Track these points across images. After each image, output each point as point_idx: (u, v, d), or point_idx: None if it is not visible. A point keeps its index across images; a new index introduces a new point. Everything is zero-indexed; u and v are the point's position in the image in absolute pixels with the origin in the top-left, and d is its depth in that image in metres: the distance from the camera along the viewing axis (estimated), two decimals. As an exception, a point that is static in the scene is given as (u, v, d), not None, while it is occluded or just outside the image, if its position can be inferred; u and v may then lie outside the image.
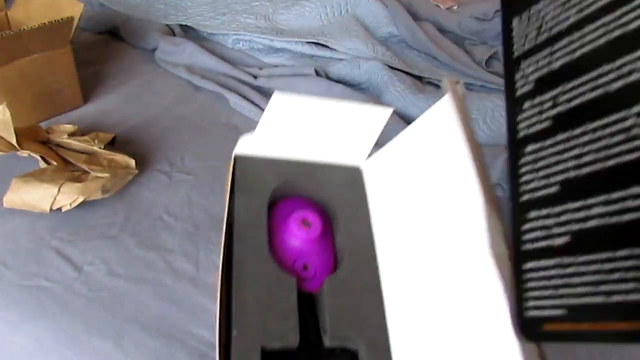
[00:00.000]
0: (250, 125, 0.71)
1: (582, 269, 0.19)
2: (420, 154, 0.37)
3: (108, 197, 0.54)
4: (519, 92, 0.22)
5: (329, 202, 0.43)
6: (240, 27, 0.86)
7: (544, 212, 0.20)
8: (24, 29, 0.58)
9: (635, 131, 0.19)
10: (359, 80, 0.79)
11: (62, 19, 0.60)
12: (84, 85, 0.70)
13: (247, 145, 0.43)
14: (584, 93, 0.21)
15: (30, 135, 0.57)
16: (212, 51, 0.82)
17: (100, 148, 0.58)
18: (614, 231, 0.19)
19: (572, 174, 0.20)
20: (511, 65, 0.23)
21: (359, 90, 0.78)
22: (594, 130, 0.20)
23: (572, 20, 0.22)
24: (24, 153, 0.54)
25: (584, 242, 0.19)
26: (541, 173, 0.21)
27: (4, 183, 0.52)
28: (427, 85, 0.80)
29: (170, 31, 0.87)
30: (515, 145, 0.22)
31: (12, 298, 0.46)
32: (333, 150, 0.43)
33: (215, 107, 0.73)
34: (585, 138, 0.20)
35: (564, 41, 0.22)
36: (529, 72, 0.23)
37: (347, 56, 0.82)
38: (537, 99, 0.22)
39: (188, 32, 0.88)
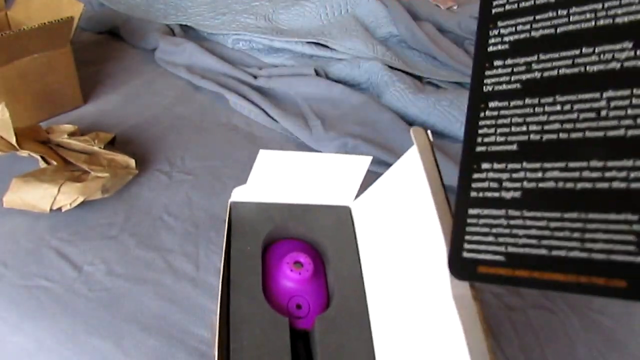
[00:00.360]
0: (251, 125, 0.71)
1: (529, 223, 0.21)
2: (396, 198, 0.40)
3: (108, 197, 0.54)
4: (492, 49, 0.23)
5: (320, 242, 0.45)
6: (240, 27, 0.86)
7: (498, 166, 0.22)
8: (24, 29, 0.58)
9: (603, 113, 0.21)
10: (359, 80, 0.79)
11: (62, 19, 0.60)
12: (84, 85, 0.70)
13: (241, 193, 0.46)
14: (560, 67, 0.22)
15: (30, 135, 0.57)
16: (212, 51, 0.82)
17: (100, 148, 0.58)
18: (566, 195, 0.20)
19: (533, 137, 0.21)
20: (488, 20, 0.24)
21: (359, 90, 0.78)
22: (564, 103, 0.21)
23: None
24: (24, 153, 0.54)
25: (535, 200, 0.21)
26: (501, 130, 0.22)
27: (4, 183, 0.52)
28: (427, 85, 0.80)
29: (170, 31, 0.87)
30: (478, 97, 0.22)
31: (12, 298, 0.46)
32: (321, 194, 0.46)
33: (215, 107, 0.73)
34: (554, 108, 0.21)
35: (549, 14, 0.23)
36: (506, 33, 0.23)
37: (347, 56, 0.82)
38: (510, 61, 0.23)
39: (188, 32, 0.88)
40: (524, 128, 0.22)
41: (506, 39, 0.23)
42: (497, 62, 0.23)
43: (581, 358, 0.47)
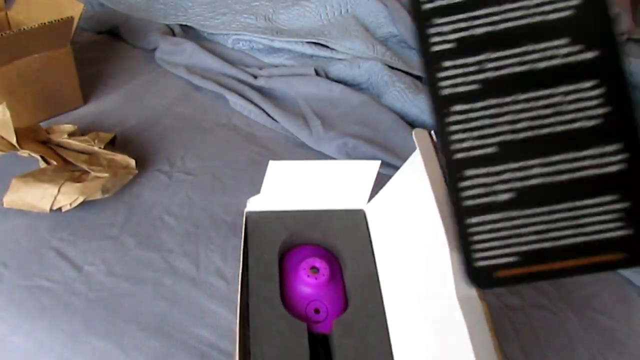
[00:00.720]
0: (251, 125, 0.71)
1: (530, 220, 0.22)
2: (405, 200, 0.40)
3: (108, 197, 0.54)
4: (437, 48, 0.23)
5: (336, 247, 0.45)
6: (240, 27, 0.86)
7: (483, 170, 0.22)
8: (24, 29, 0.58)
9: (563, 107, 0.22)
10: (359, 80, 0.79)
11: (62, 19, 0.60)
12: (84, 85, 0.70)
13: (256, 203, 0.46)
14: (511, 65, 0.22)
15: (30, 135, 0.57)
16: (212, 51, 0.82)
17: (100, 148, 0.58)
18: (553, 188, 0.22)
19: (508, 137, 0.22)
20: (422, 17, 0.23)
21: (359, 90, 0.78)
22: (526, 100, 0.22)
23: None
24: (24, 153, 0.54)
25: (528, 197, 0.22)
26: (475, 133, 0.22)
27: (4, 183, 0.52)
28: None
29: (170, 31, 0.87)
30: (440, 101, 0.22)
31: (12, 298, 0.46)
32: (334, 199, 0.47)
33: (215, 107, 0.73)
34: (518, 107, 0.22)
35: (485, 10, 0.23)
36: (448, 31, 0.23)
37: (347, 56, 0.82)
38: (460, 60, 0.22)
39: (188, 32, 0.88)
40: (496, 129, 0.22)
41: (450, 36, 0.23)
42: (447, 63, 0.23)
43: (581, 358, 0.47)
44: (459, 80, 0.23)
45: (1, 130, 0.54)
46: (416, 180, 0.36)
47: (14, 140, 0.53)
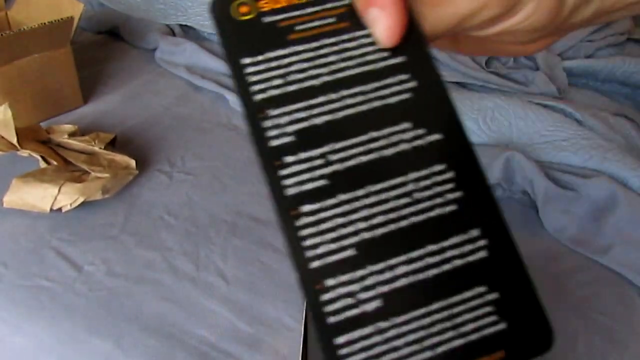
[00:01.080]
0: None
1: (404, 328, 0.19)
2: None
3: (108, 197, 0.54)
4: (276, 143, 0.21)
5: None
6: (240, 27, 0.86)
7: (345, 278, 0.19)
8: (24, 29, 0.58)
9: (417, 195, 0.20)
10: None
11: (62, 19, 0.60)
12: (84, 85, 0.70)
13: None
14: (358, 155, 0.21)
15: (31, 135, 0.57)
16: (212, 51, 0.82)
17: (100, 148, 0.58)
18: (423, 287, 0.20)
19: (366, 235, 0.20)
20: (255, 109, 0.21)
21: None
22: (378, 192, 0.20)
23: (325, 79, 0.21)
24: (25, 153, 0.54)
25: (397, 302, 0.19)
26: (330, 236, 0.20)
27: (4, 183, 0.52)
28: (427, 85, 0.80)
29: (170, 31, 0.87)
30: (285, 203, 0.20)
31: (13, 298, 0.46)
32: None
33: (215, 107, 0.73)
34: (372, 200, 0.20)
35: (321, 98, 0.21)
36: (285, 123, 0.21)
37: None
38: (303, 154, 0.20)
39: (188, 32, 0.88)
40: (352, 228, 0.20)
41: (288, 129, 0.21)
42: (289, 159, 0.20)
43: (581, 358, 0.47)
44: (304, 176, 0.20)
45: (2, 130, 0.54)
46: None
47: (14, 140, 0.53)
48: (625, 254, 0.55)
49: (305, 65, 0.22)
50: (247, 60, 0.22)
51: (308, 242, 0.20)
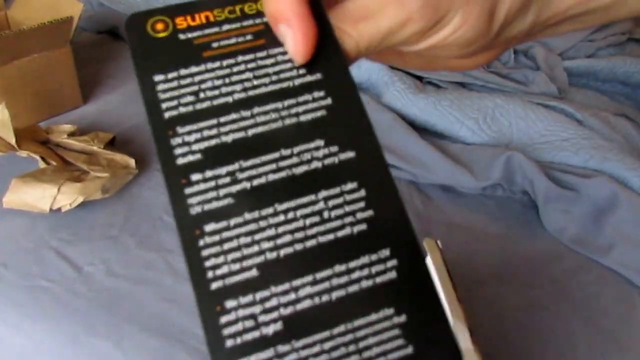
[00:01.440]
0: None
1: (304, 353, 0.19)
2: None
3: (108, 197, 0.54)
4: (183, 161, 0.20)
5: None
6: (240, 26, 0.86)
7: (246, 299, 0.19)
8: (23, 29, 0.58)
9: (326, 214, 0.20)
10: (359, 80, 0.79)
11: (61, 18, 0.60)
12: (83, 85, 0.70)
13: None
14: (267, 173, 0.20)
15: (30, 136, 0.57)
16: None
17: (100, 148, 0.58)
18: (327, 309, 0.19)
19: (270, 256, 0.19)
20: (163, 127, 0.21)
21: (359, 90, 0.78)
22: (286, 211, 0.20)
23: (238, 96, 0.21)
24: (24, 153, 0.54)
25: (298, 325, 0.19)
26: (232, 256, 0.19)
27: (4, 183, 0.52)
28: (427, 85, 0.80)
29: (170, 31, 0.87)
30: (189, 222, 0.20)
31: (12, 298, 0.45)
32: None
33: (215, 107, 0.73)
34: (278, 219, 0.20)
35: (233, 115, 0.21)
36: (193, 140, 0.20)
37: (347, 56, 0.82)
38: (210, 173, 0.20)
39: (188, 31, 0.88)
40: (257, 248, 0.19)
41: (195, 147, 0.20)
42: (195, 177, 0.20)
43: (581, 358, 0.47)
44: (209, 195, 0.20)
45: (1, 131, 0.54)
46: None
47: (13, 141, 0.53)
48: (626, 254, 0.55)
49: (218, 82, 0.21)
50: (159, 78, 0.21)
51: (210, 263, 0.19)
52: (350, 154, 0.21)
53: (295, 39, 0.21)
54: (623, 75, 0.83)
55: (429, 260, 0.36)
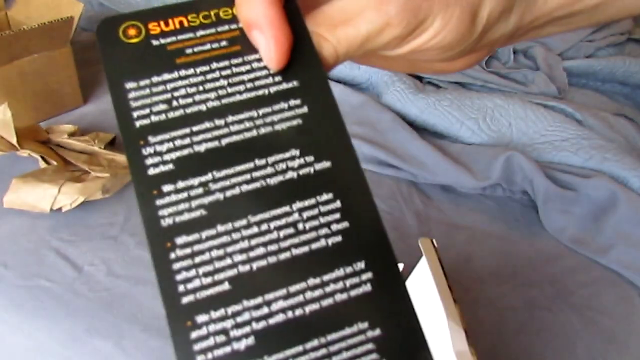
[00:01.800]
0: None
1: None
2: (415, 299, 0.42)
3: (108, 197, 0.54)
4: (154, 171, 0.20)
5: None
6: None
7: (218, 314, 0.18)
8: (24, 28, 0.58)
9: (301, 226, 0.20)
10: (359, 80, 0.79)
11: (62, 18, 0.60)
12: (84, 85, 0.70)
13: None
14: (240, 184, 0.20)
15: (31, 135, 0.57)
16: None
17: (100, 148, 0.58)
18: (300, 323, 0.19)
19: (243, 268, 0.19)
20: (134, 136, 0.20)
21: (359, 90, 0.78)
22: (259, 223, 0.19)
23: (212, 104, 0.21)
24: (24, 153, 0.54)
25: (271, 340, 0.18)
26: (204, 269, 0.19)
27: (4, 183, 0.52)
28: (427, 85, 0.80)
29: (170, 31, 0.87)
30: (160, 234, 0.19)
31: (13, 298, 0.46)
32: None
33: (215, 107, 0.73)
34: (251, 231, 0.19)
35: (207, 124, 0.20)
36: (165, 150, 0.20)
37: (347, 56, 0.82)
38: (182, 184, 0.20)
39: (188, 32, 0.88)
40: (229, 261, 0.19)
41: (167, 157, 0.20)
42: (166, 188, 0.19)
43: (581, 358, 0.47)
44: (181, 207, 0.19)
45: (2, 131, 0.54)
46: (425, 285, 0.38)
47: (14, 141, 0.53)
48: (625, 254, 0.55)
49: (192, 90, 0.21)
50: (130, 85, 0.21)
51: (181, 276, 0.19)
52: (326, 164, 0.21)
53: (268, 45, 0.20)
54: (622, 75, 0.83)
55: (424, 260, 0.36)
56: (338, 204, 0.20)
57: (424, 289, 0.38)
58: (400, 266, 0.45)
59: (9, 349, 0.43)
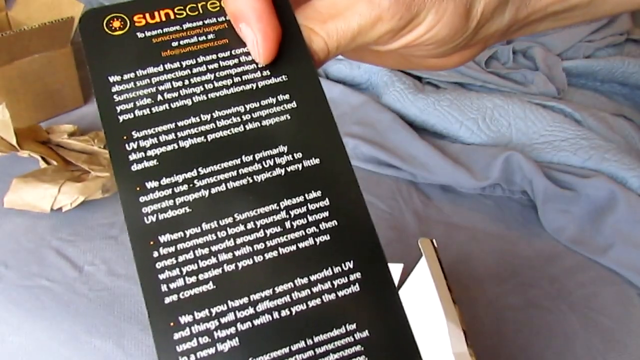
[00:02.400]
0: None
1: None
2: (415, 300, 0.41)
3: (108, 197, 0.54)
4: (138, 167, 0.19)
5: None
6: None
7: (201, 314, 0.18)
8: (24, 29, 0.58)
9: (288, 224, 0.19)
10: (359, 80, 0.79)
11: (62, 19, 0.60)
12: (84, 85, 0.70)
13: None
14: (226, 181, 0.19)
15: (30, 136, 0.57)
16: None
17: (100, 148, 0.58)
18: (285, 325, 0.18)
19: (228, 267, 0.18)
20: (118, 131, 0.19)
21: (359, 90, 0.78)
22: (246, 221, 0.19)
23: (198, 98, 0.20)
24: (24, 153, 0.54)
25: (256, 341, 0.18)
26: (187, 268, 0.18)
27: (5, 183, 0.52)
28: (426, 85, 0.80)
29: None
30: (142, 233, 0.18)
31: (13, 298, 0.46)
32: None
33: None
34: (237, 229, 0.19)
35: (192, 119, 0.20)
36: (148, 146, 0.19)
37: (347, 56, 0.82)
38: (166, 180, 0.19)
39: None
40: (214, 260, 0.18)
41: (151, 152, 0.19)
42: (150, 184, 0.19)
43: (581, 358, 0.47)
44: (165, 204, 0.19)
45: (1, 131, 0.54)
46: (424, 286, 0.38)
47: (14, 141, 0.54)
48: (624, 254, 0.55)
49: (177, 84, 0.20)
50: (114, 78, 0.20)
51: (164, 275, 0.18)
52: (315, 161, 0.20)
53: (256, 39, 0.20)
54: (621, 75, 0.83)
55: (423, 261, 0.36)
56: (327, 201, 0.20)
57: (423, 289, 0.39)
58: (400, 266, 0.45)
59: (9, 348, 0.43)
